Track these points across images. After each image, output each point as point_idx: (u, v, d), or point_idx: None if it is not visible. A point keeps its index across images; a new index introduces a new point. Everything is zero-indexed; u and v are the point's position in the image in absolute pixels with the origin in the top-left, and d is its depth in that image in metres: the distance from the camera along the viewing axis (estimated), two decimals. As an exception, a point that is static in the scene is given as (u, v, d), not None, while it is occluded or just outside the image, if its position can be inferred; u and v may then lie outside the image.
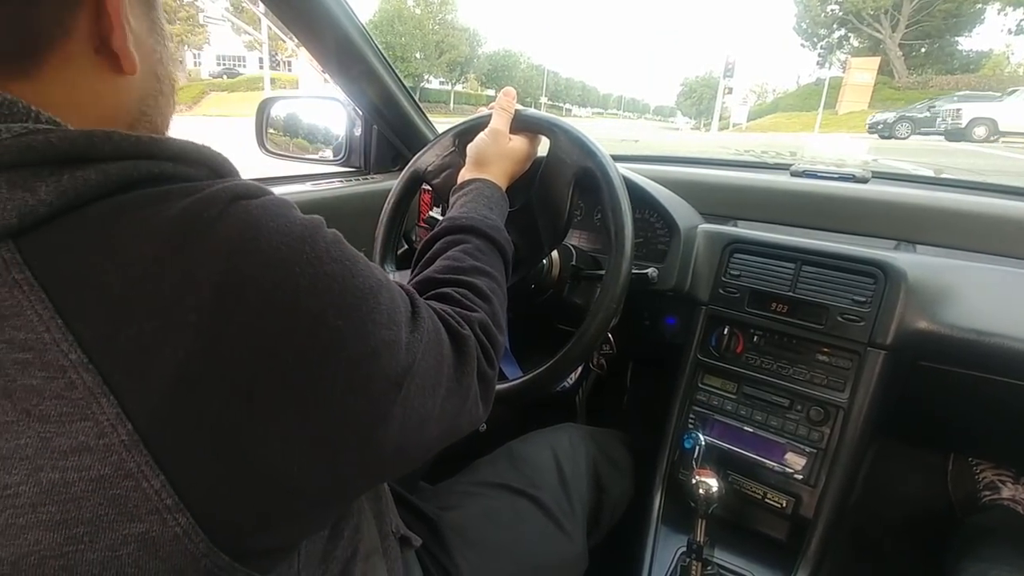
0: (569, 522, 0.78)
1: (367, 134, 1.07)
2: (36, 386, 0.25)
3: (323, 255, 0.32)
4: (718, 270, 0.92)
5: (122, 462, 0.25)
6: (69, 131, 0.28)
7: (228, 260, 0.28)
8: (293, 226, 0.32)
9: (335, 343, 0.31)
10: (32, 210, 0.26)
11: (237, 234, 0.29)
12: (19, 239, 0.26)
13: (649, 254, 0.98)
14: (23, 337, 0.25)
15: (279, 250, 0.30)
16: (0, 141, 0.26)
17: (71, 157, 0.27)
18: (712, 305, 0.93)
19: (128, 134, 0.29)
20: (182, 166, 0.31)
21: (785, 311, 0.87)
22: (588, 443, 0.90)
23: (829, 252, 0.86)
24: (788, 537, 0.89)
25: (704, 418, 0.93)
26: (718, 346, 0.93)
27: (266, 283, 0.29)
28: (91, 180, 0.27)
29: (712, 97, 48.96)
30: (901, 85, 24.49)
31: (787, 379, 0.87)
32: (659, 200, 0.96)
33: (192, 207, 0.29)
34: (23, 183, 0.26)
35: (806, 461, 0.85)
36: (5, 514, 0.25)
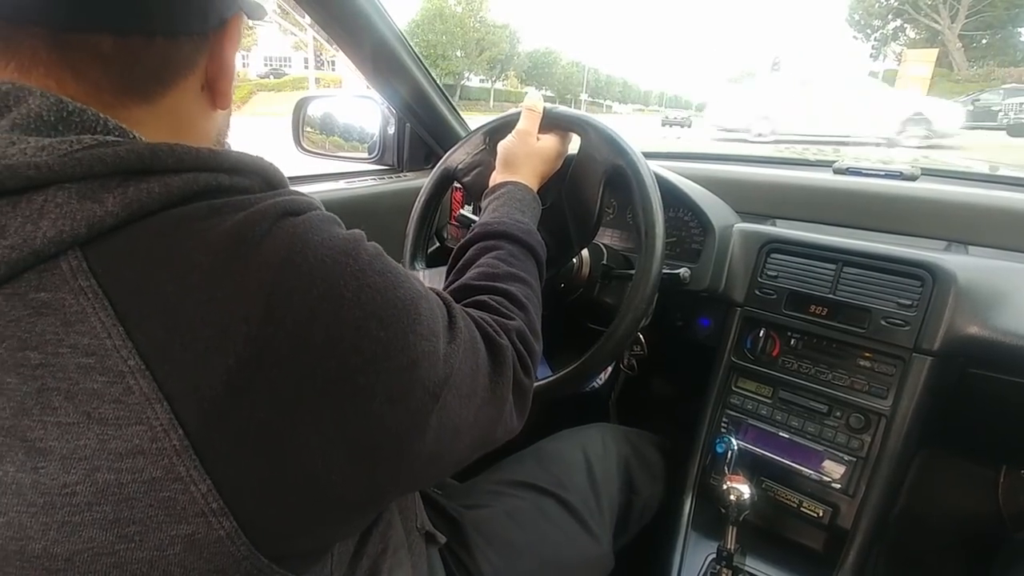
0: (596, 523, 0.78)
1: (400, 132, 1.08)
2: (97, 390, 0.25)
3: (366, 268, 0.33)
4: (754, 271, 0.90)
5: (172, 466, 0.26)
6: (136, 144, 0.29)
7: (277, 273, 0.29)
8: (336, 240, 0.32)
9: (377, 354, 0.31)
10: (99, 221, 0.27)
11: (285, 248, 0.30)
12: (86, 247, 0.27)
13: (683, 253, 0.96)
14: (87, 342, 0.25)
15: (324, 263, 0.31)
16: (72, 153, 0.27)
17: (137, 169, 0.28)
18: (748, 307, 0.90)
19: (190, 147, 0.31)
20: (238, 177, 0.33)
21: (825, 314, 0.84)
22: (622, 443, 0.89)
23: (873, 253, 0.82)
24: (824, 548, 0.86)
25: (738, 422, 0.91)
26: (753, 349, 0.90)
27: (312, 295, 0.29)
28: (154, 192, 0.28)
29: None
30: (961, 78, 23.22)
31: (826, 384, 0.84)
32: (693, 198, 0.94)
33: (245, 221, 0.30)
34: (92, 194, 0.27)
35: (845, 470, 0.82)
36: (62, 512, 0.25)
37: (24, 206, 0.26)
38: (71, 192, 0.27)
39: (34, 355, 0.25)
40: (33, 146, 0.27)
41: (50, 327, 0.25)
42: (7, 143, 0.27)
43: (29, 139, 0.27)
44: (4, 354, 0.25)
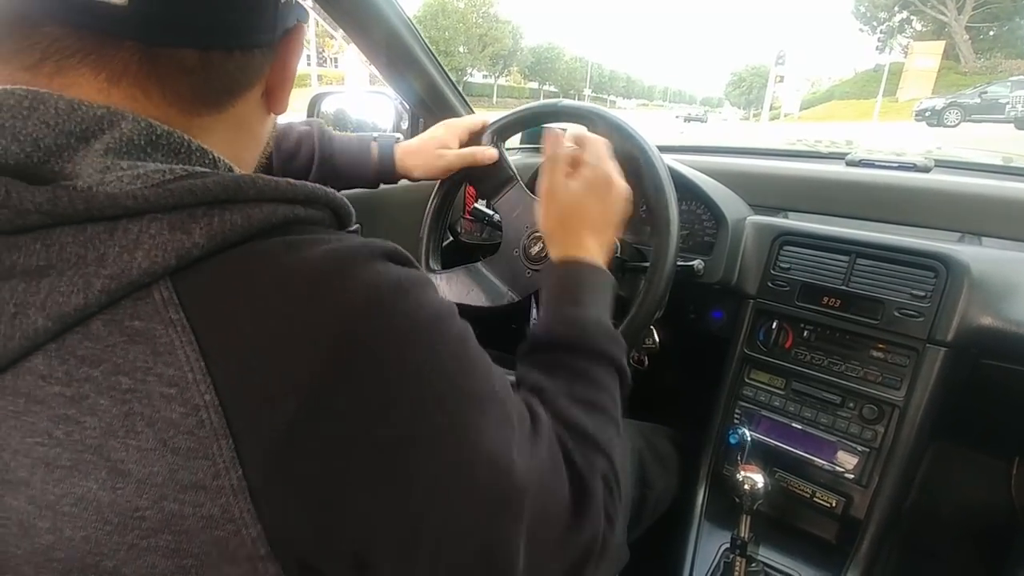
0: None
1: (413, 128, 1.09)
2: (174, 420, 0.26)
3: (442, 347, 0.32)
4: (767, 263, 0.90)
5: (228, 506, 0.26)
6: (222, 176, 0.30)
7: (348, 324, 0.29)
8: (422, 308, 0.32)
9: (429, 439, 0.30)
10: (187, 252, 0.27)
11: (363, 300, 0.29)
12: (175, 277, 0.27)
13: (696, 246, 0.96)
14: (171, 373, 0.26)
15: (399, 328, 0.30)
16: (165, 183, 0.28)
17: (221, 199, 0.29)
18: (760, 299, 0.91)
19: (269, 179, 0.31)
20: (311, 209, 0.33)
21: (838, 305, 0.84)
22: (635, 437, 0.89)
23: (886, 244, 0.82)
24: (837, 538, 0.86)
25: (750, 414, 0.92)
26: (766, 341, 0.90)
27: (377, 357, 0.29)
28: (236, 224, 0.29)
29: (763, 87, 47.38)
30: (968, 70, 23.01)
31: (839, 375, 0.85)
32: (706, 191, 0.94)
33: (324, 260, 0.30)
34: (182, 225, 0.28)
35: (858, 460, 0.83)
36: (132, 534, 0.26)
37: (120, 235, 0.27)
38: (163, 223, 0.27)
39: (125, 380, 0.26)
40: (129, 174, 0.28)
41: (141, 355, 0.26)
42: (103, 168, 0.28)
43: (122, 163, 0.28)
44: (99, 377, 0.26)
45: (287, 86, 0.38)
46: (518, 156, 1.14)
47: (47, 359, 0.26)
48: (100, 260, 0.26)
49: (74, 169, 0.28)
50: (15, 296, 0.26)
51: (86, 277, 0.26)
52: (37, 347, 0.26)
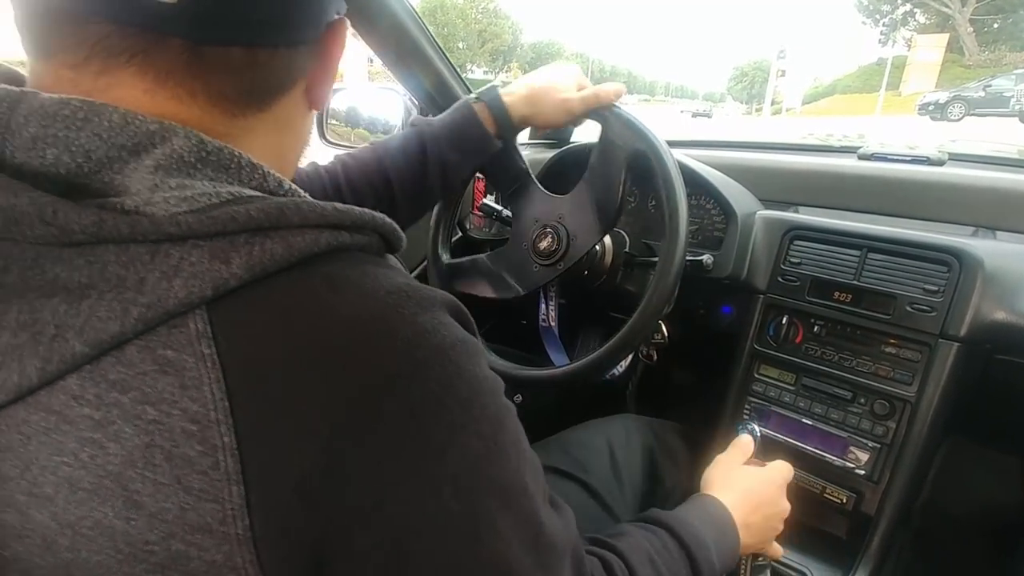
0: (619, 507, 0.77)
1: None
2: (192, 458, 0.26)
3: (473, 427, 0.30)
4: (777, 258, 0.89)
5: (232, 554, 0.26)
6: (267, 203, 0.29)
7: (376, 387, 0.27)
8: (460, 379, 0.30)
9: (438, 528, 0.28)
10: (224, 282, 0.27)
11: (397, 362, 0.28)
12: (210, 308, 0.27)
13: (705, 241, 0.96)
14: (195, 409, 0.26)
15: (430, 398, 0.28)
16: (208, 210, 0.28)
17: (264, 227, 0.28)
18: (770, 294, 0.90)
19: (314, 204, 0.30)
20: (358, 235, 0.32)
21: (849, 300, 0.84)
22: (645, 433, 0.89)
23: (898, 239, 0.82)
24: (848, 534, 0.86)
25: (760, 409, 0.91)
26: (776, 336, 0.90)
27: (400, 427, 0.28)
28: (276, 254, 0.28)
29: (764, 81, 47.23)
30: (972, 63, 22.83)
31: (850, 371, 0.84)
32: (715, 185, 0.93)
33: (372, 305, 0.29)
34: (221, 253, 0.27)
35: (869, 456, 0.82)
36: (142, 567, 0.26)
37: (161, 259, 0.26)
38: (204, 251, 0.27)
39: (151, 410, 0.26)
40: (176, 195, 0.27)
41: (168, 387, 0.26)
42: (152, 185, 0.28)
43: (170, 181, 0.28)
44: (127, 404, 0.26)
45: (328, 81, 0.37)
46: (528, 151, 1.14)
47: (80, 380, 0.26)
48: (139, 285, 0.26)
49: (124, 182, 0.27)
50: (56, 317, 0.26)
51: (124, 304, 0.26)
52: (73, 369, 0.26)
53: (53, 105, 0.27)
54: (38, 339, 0.26)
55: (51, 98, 0.27)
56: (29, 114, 0.27)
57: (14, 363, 0.26)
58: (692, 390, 1.12)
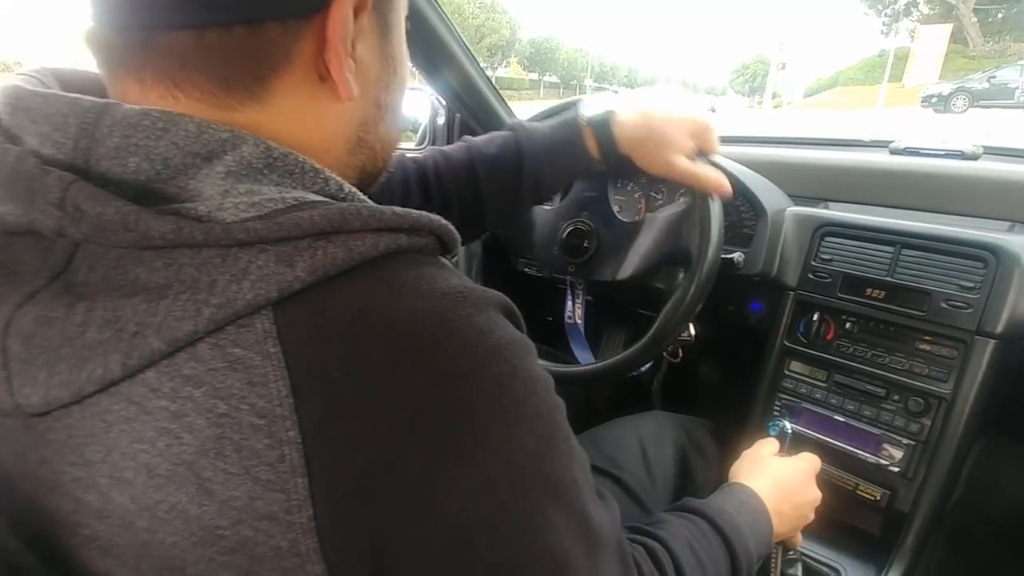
0: (652, 503, 0.78)
1: (450, 122, 1.10)
2: (259, 450, 0.27)
3: (527, 423, 0.31)
4: (808, 254, 0.89)
5: (297, 541, 0.27)
6: (329, 209, 0.29)
7: (435, 388, 0.28)
8: (516, 378, 0.30)
9: (495, 522, 0.30)
10: (288, 285, 0.28)
11: (455, 364, 0.29)
12: (276, 308, 0.28)
13: (734, 238, 0.95)
14: (262, 405, 0.27)
15: (487, 397, 0.29)
16: (274, 215, 0.28)
17: (325, 232, 0.29)
18: (801, 290, 0.90)
19: (374, 208, 0.31)
20: (416, 238, 0.33)
21: (882, 297, 0.83)
22: (676, 430, 0.89)
23: (933, 235, 0.81)
24: (881, 531, 0.86)
25: (791, 406, 0.91)
26: (807, 332, 0.89)
27: (458, 426, 0.29)
28: (338, 258, 0.29)
29: (766, 74, 47.02)
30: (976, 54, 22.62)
31: (883, 368, 0.84)
32: (744, 183, 0.93)
33: (430, 307, 0.29)
34: (286, 257, 0.28)
35: (904, 454, 0.82)
36: (212, 549, 0.27)
37: (231, 262, 0.28)
38: (271, 255, 0.28)
39: (221, 404, 0.27)
40: (245, 200, 0.29)
41: (237, 383, 0.27)
42: (223, 191, 0.29)
43: (240, 187, 0.29)
44: (200, 397, 0.27)
45: (339, 66, 0.33)
46: None
47: (158, 373, 0.28)
48: (211, 287, 0.27)
49: (197, 187, 0.29)
50: (136, 315, 0.27)
51: (197, 304, 0.27)
52: (151, 364, 0.27)
53: (135, 116, 0.28)
54: (120, 335, 0.27)
55: (133, 109, 0.29)
56: (113, 125, 0.28)
57: (99, 357, 0.27)
58: (719, 386, 1.11)
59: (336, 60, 0.33)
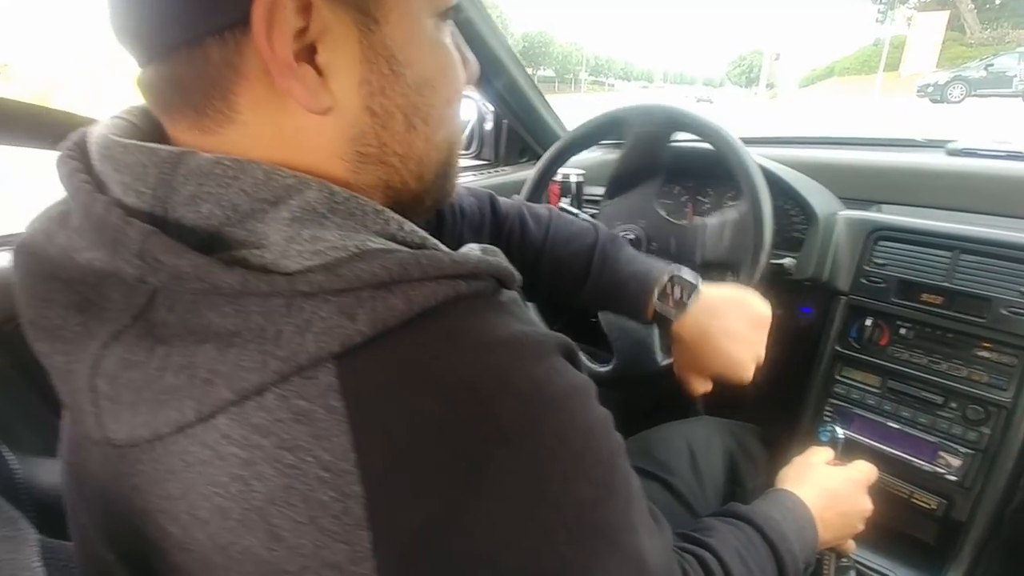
0: (701, 507, 0.77)
1: (497, 128, 1.11)
2: (325, 502, 0.27)
3: (585, 472, 0.30)
4: (860, 259, 0.87)
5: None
6: (389, 259, 0.29)
7: (493, 441, 0.28)
8: (574, 427, 0.31)
9: (550, 569, 0.29)
10: (350, 339, 0.28)
11: (514, 416, 0.29)
12: (339, 361, 0.28)
13: (784, 242, 0.94)
14: (327, 459, 0.27)
15: (545, 449, 0.29)
16: (337, 267, 0.29)
17: (385, 282, 0.29)
18: (853, 295, 0.88)
19: (434, 256, 0.30)
20: (474, 283, 0.32)
21: (939, 303, 0.82)
22: (725, 436, 0.87)
23: (993, 239, 0.80)
24: (937, 540, 0.85)
25: (843, 412, 0.90)
26: (860, 338, 0.88)
27: (517, 479, 0.29)
28: (397, 309, 0.29)
29: (762, 65, 46.87)
30: (973, 41, 22.41)
31: (940, 375, 0.82)
32: (794, 187, 0.91)
33: (489, 357, 0.30)
34: (348, 309, 0.28)
35: (962, 462, 0.81)
36: None
37: (296, 312, 0.28)
38: (333, 306, 0.28)
39: (288, 456, 0.27)
40: (308, 248, 0.29)
41: (303, 435, 0.27)
42: (288, 236, 0.29)
43: (304, 233, 0.29)
44: (268, 447, 0.28)
45: (279, 74, 0.30)
46: (597, 152, 1.13)
47: (229, 420, 0.28)
48: (277, 337, 0.28)
49: (265, 230, 0.30)
50: (208, 363, 0.28)
51: (263, 355, 0.28)
52: (222, 411, 0.28)
53: (207, 165, 0.29)
54: (193, 381, 0.28)
55: (206, 159, 0.30)
56: (188, 174, 0.29)
57: (176, 401, 0.28)
58: (767, 391, 1.10)
59: (276, 68, 0.30)
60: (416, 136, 0.36)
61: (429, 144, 0.37)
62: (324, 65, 0.31)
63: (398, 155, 0.35)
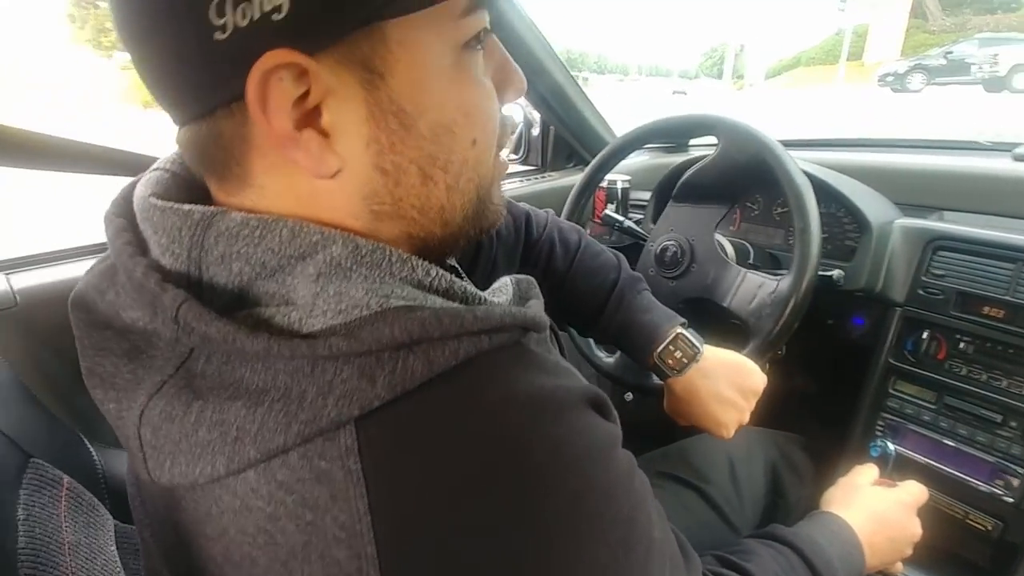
0: (737, 518, 0.75)
1: (544, 134, 1.11)
2: (340, 560, 0.28)
3: (601, 533, 0.30)
4: (918, 269, 0.84)
5: None
6: (410, 320, 0.29)
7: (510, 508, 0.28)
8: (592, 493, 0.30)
9: None
10: (369, 402, 0.28)
11: (524, 481, 0.29)
12: (358, 423, 0.29)
13: (835, 251, 0.90)
14: (344, 519, 0.28)
15: (560, 514, 0.29)
16: (358, 328, 0.29)
17: (405, 343, 0.29)
18: (909, 307, 0.85)
19: (455, 314, 0.30)
20: (497, 336, 0.32)
21: (1001, 316, 0.79)
22: (767, 446, 0.85)
23: None
24: (992, 563, 0.82)
25: (895, 427, 0.86)
26: (915, 351, 0.85)
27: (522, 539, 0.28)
28: (417, 371, 0.29)
29: (735, 57, 47.40)
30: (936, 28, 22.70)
31: (1000, 392, 0.79)
32: (845, 193, 0.87)
33: (506, 420, 0.30)
34: (368, 371, 0.29)
35: (1020, 483, 0.78)
36: None
37: (319, 373, 0.29)
38: (354, 367, 0.29)
39: (308, 514, 0.28)
40: (332, 308, 0.30)
41: (322, 495, 0.28)
42: (314, 293, 0.30)
43: (329, 289, 0.30)
44: (290, 504, 0.29)
45: (283, 144, 0.30)
46: (646, 156, 1.08)
47: (257, 475, 0.29)
48: (301, 398, 0.29)
49: (293, 283, 0.31)
50: (237, 420, 0.29)
51: (288, 418, 0.28)
52: (251, 467, 0.29)
53: (236, 226, 0.31)
54: (224, 438, 0.29)
55: (235, 220, 0.31)
56: (218, 236, 0.31)
57: (208, 455, 0.30)
58: (816, 403, 1.06)
59: (277, 141, 0.30)
60: (434, 187, 0.34)
61: (452, 191, 0.35)
62: (329, 127, 0.31)
63: (416, 208, 0.34)
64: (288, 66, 0.28)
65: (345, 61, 0.29)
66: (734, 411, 0.69)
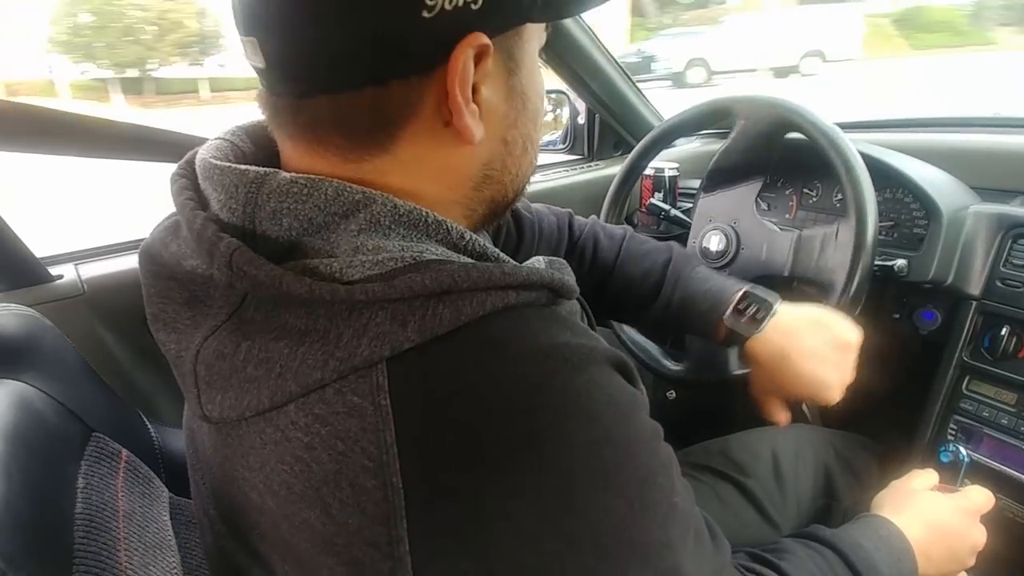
0: (778, 513, 0.72)
1: (590, 123, 1.13)
2: (368, 489, 0.30)
3: (618, 488, 0.31)
4: (996, 259, 0.78)
5: (395, 569, 0.30)
6: (441, 272, 0.32)
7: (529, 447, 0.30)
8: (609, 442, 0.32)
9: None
10: (399, 344, 0.31)
11: (541, 425, 0.30)
12: (390, 363, 0.31)
13: (902, 239, 0.84)
14: (372, 450, 0.30)
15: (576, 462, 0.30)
16: (391, 277, 0.31)
17: (436, 292, 0.31)
18: (986, 300, 0.79)
19: (484, 268, 0.33)
20: (524, 293, 0.34)
21: None
22: (820, 446, 0.81)
23: None
24: None
25: (969, 431, 0.80)
26: (993, 348, 0.78)
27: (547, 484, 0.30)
28: (445, 319, 0.31)
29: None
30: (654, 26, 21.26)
31: None
32: (912, 177, 0.81)
33: (531, 367, 0.31)
34: (400, 316, 0.31)
35: None
36: (332, 559, 0.32)
37: (355, 318, 0.31)
38: (387, 312, 0.31)
39: (340, 444, 0.31)
40: (370, 259, 0.33)
41: (354, 427, 0.30)
42: (354, 247, 0.34)
43: (368, 243, 0.34)
44: (325, 435, 0.31)
45: (459, 116, 0.35)
46: (695, 143, 1.06)
47: (297, 409, 0.32)
48: (337, 339, 0.31)
49: (336, 240, 0.34)
50: (281, 358, 0.32)
51: (325, 355, 0.31)
52: (291, 400, 0.32)
53: (286, 184, 0.34)
54: (269, 374, 0.32)
55: (285, 178, 0.34)
56: (270, 193, 0.34)
57: (255, 390, 0.33)
58: (880, 402, 1.00)
59: (457, 108, 0.34)
60: (526, 158, 0.42)
61: (532, 164, 0.43)
62: (483, 102, 0.36)
63: (511, 174, 0.41)
64: (479, 47, 0.33)
65: (500, 50, 0.35)
66: (832, 368, 0.62)
